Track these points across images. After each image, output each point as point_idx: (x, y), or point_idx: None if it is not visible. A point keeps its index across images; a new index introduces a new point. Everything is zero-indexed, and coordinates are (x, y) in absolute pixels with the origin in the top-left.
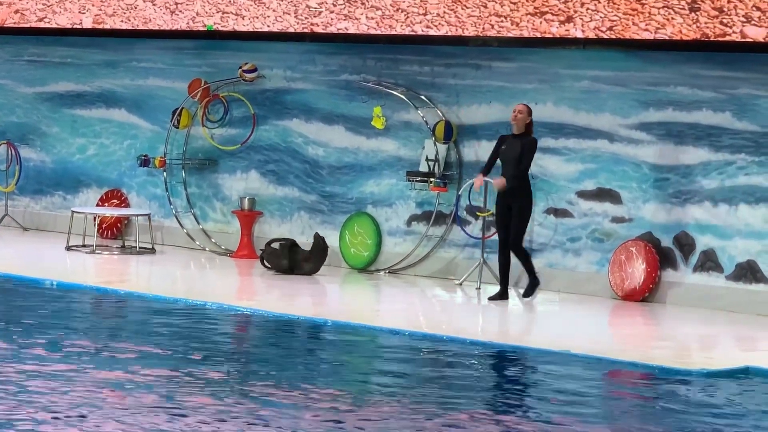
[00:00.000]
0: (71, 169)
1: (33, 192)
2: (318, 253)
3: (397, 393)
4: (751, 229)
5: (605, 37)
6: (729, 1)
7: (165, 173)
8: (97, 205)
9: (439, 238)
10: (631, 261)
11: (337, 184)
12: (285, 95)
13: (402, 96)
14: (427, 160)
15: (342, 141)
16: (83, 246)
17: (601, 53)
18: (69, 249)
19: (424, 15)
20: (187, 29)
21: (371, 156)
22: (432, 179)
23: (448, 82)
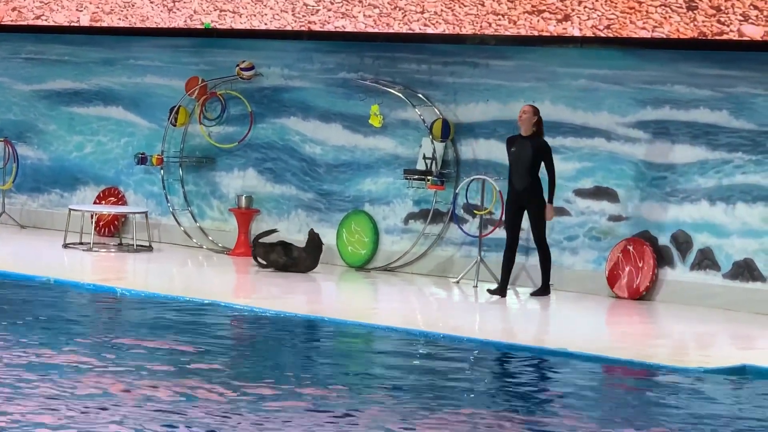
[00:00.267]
0: (68, 167)
1: (30, 190)
2: (313, 249)
3: (393, 390)
4: (748, 227)
5: (602, 35)
6: None
7: (162, 171)
8: (95, 202)
9: (437, 237)
10: (629, 259)
11: (335, 182)
12: (282, 93)
13: (399, 94)
14: (424, 158)
15: (339, 139)
16: (80, 244)
17: (599, 52)
18: (66, 247)
19: (422, 13)
20: (185, 27)
21: (368, 154)
22: (429, 177)
23: (445, 81)
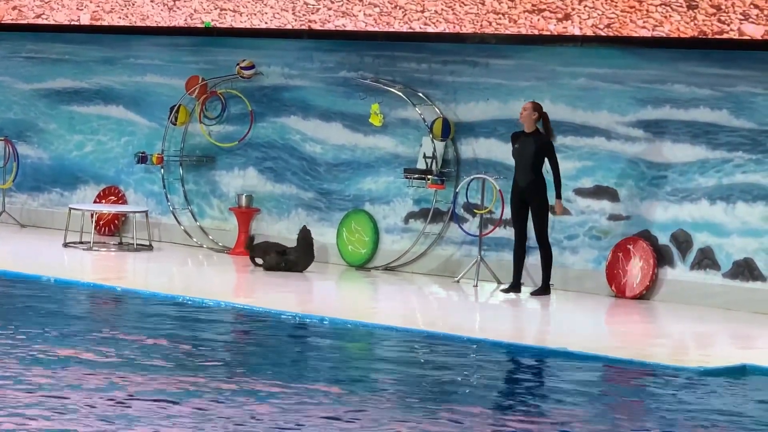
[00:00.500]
0: (68, 166)
1: (30, 189)
2: (305, 247)
3: (392, 390)
4: (748, 226)
5: (603, 34)
6: None
7: (162, 170)
8: (95, 201)
9: (437, 236)
10: (629, 259)
11: (335, 181)
12: (283, 92)
13: (400, 93)
14: (424, 157)
15: (339, 138)
16: (80, 243)
17: (599, 51)
18: (66, 246)
19: (422, 12)
20: (185, 26)
21: (369, 153)
22: (429, 176)
23: (445, 80)
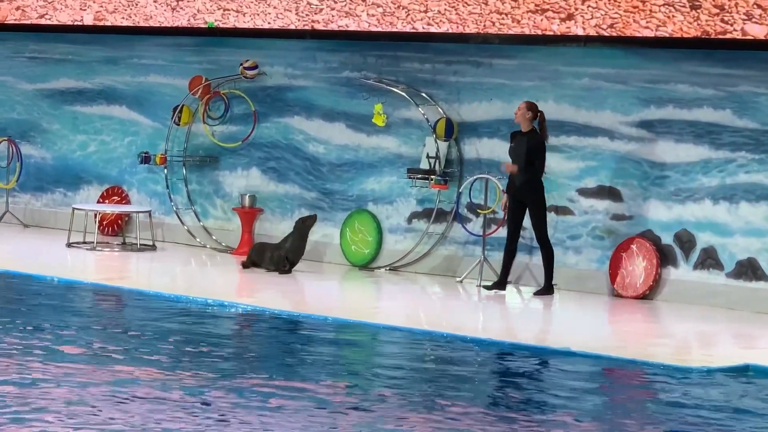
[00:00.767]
0: (72, 166)
1: (34, 189)
2: (299, 238)
3: (395, 389)
4: (751, 226)
5: (606, 34)
6: None
7: (166, 170)
8: (98, 202)
9: (440, 236)
10: (632, 258)
11: (338, 181)
12: (286, 92)
13: (403, 93)
14: (427, 157)
15: (343, 138)
16: (84, 243)
17: (602, 51)
18: (70, 246)
19: (425, 12)
20: (188, 26)
21: (372, 153)
22: (433, 176)
23: (449, 80)
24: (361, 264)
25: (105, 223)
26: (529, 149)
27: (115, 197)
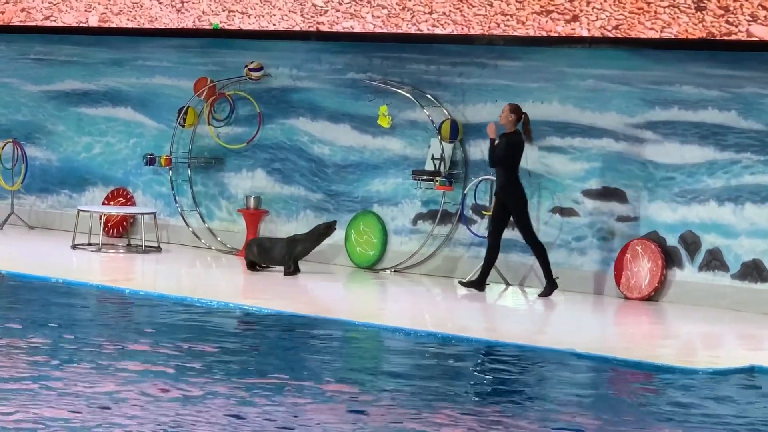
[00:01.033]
0: (77, 168)
1: (39, 190)
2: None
3: (400, 390)
4: (756, 228)
5: (611, 36)
6: (735, 0)
7: (171, 172)
8: (103, 203)
9: (445, 237)
10: (637, 260)
11: (343, 182)
12: (291, 94)
13: (408, 95)
14: (432, 158)
15: (348, 140)
16: (89, 244)
17: (607, 52)
18: (75, 247)
19: (430, 14)
20: (193, 28)
21: (377, 155)
22: (438, 178)
23: (453, 81)
24: (366, 266)
25: (110, 224)
26: (506, 148)
27: (120, 199)
